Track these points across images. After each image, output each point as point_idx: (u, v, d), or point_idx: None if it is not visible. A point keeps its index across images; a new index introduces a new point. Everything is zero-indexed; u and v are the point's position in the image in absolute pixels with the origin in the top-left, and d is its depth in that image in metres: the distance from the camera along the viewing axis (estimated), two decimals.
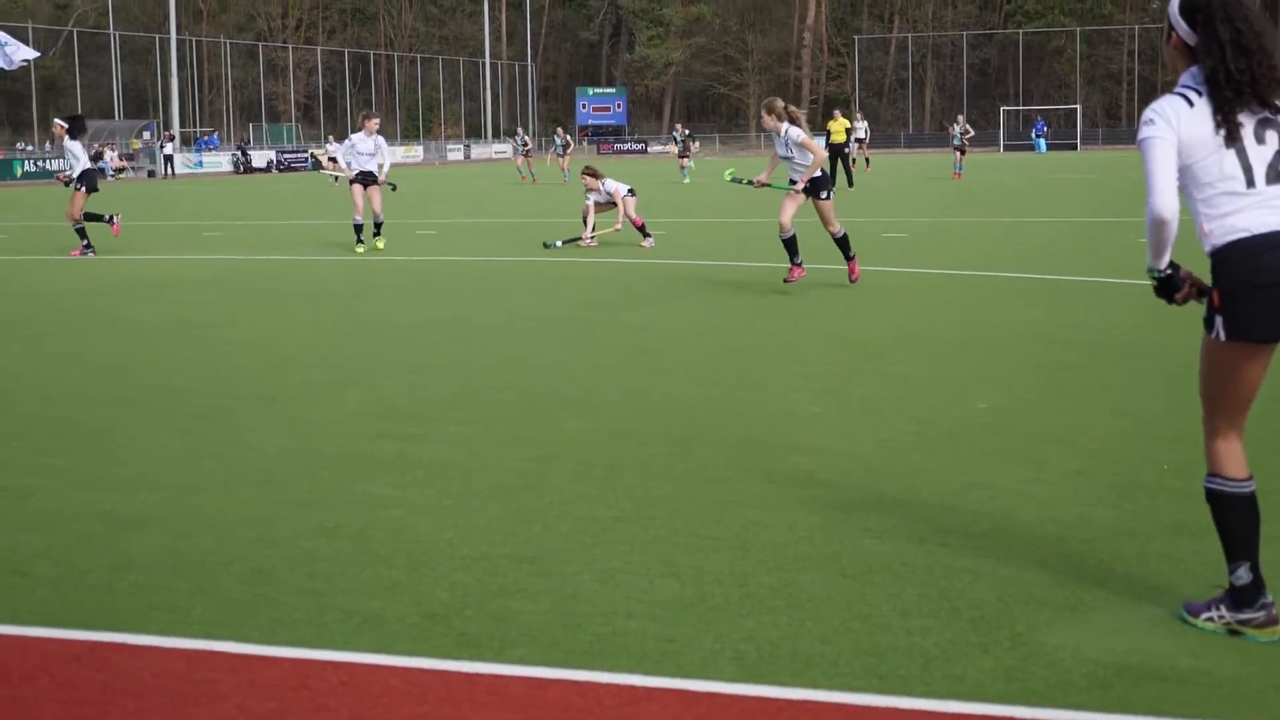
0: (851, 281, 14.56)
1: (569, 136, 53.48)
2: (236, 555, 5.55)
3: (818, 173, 14.41)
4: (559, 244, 20.95)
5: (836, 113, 40.78)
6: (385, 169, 20.91)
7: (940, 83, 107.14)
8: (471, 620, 4.77)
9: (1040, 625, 4.65)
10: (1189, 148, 4.53)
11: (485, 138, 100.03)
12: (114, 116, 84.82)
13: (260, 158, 76.87)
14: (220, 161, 76.30)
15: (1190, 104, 4.54)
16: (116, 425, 8.30)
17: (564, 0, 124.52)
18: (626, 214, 20.90)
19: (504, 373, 9.91)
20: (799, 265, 14.38)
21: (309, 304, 14.45)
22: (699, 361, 10.26)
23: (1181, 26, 4.60)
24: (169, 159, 70.06)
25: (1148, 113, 4.59)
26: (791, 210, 14.38)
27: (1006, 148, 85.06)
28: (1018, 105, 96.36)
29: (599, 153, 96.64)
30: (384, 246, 21.05)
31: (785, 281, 14.32)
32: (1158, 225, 4.49)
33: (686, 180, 43.57)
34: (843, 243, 14.67)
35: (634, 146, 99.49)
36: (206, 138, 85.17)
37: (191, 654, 4.51)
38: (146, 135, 77.08)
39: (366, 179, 21.04)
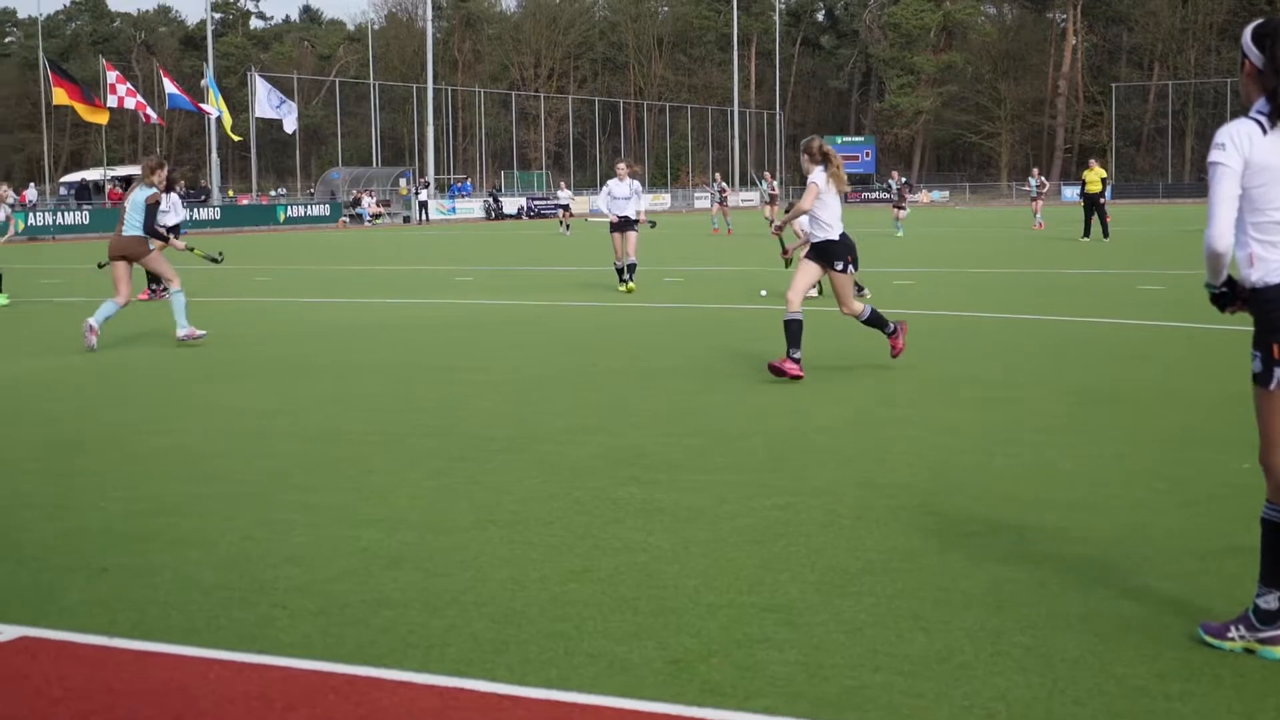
0: (893, 356, 12.40)
1: (775, 183, 51.48)
2: (488, 596, 5.64)
3: (821, 236, 12.09)
4: (764, 293, 21.03)
5: (1092, 162, 39.91)
6: (643, 211, 22.20)
7: (1201, 131, 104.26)
8: (717, 668, 4.77)
9: None
10: (1253, 172, 4.66)
11: (733, 185, 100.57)
12: (372, 164, 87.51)
13: (511, 204, 78.42)
14: (473, 208, 78.09)
15: (1264, 130, 4.69)
16: (372, 464, 8.53)
17: (814, 49, 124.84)
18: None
19: (749, 420, 9.92)
20: (795, 360, 11.79)
21: (556, 348, 14.66)
22: (946, 413, 10.13)
23: (1253, 53, 4.76)
24: (424, 205, 72.02)
25: (1220, 135, 4.74)
26: (804, 284, 12.04)
27: None
28: None
29: (845, 201, 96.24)
30: (634, 289, 22.07)
31: (771, 367, 11.84)
32: (1213, 256, 4.72)
33: (900, 234, 42.26)
34: (873, 321, 12.27)
35: (882, 195, 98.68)
36: (460, 184, 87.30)
37: (444, 691, 4.60)
38: (403, 182, 79.30)
39: (624, 224, 21.91)
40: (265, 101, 66.62)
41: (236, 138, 67.53)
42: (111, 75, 59.92)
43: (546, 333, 16.34)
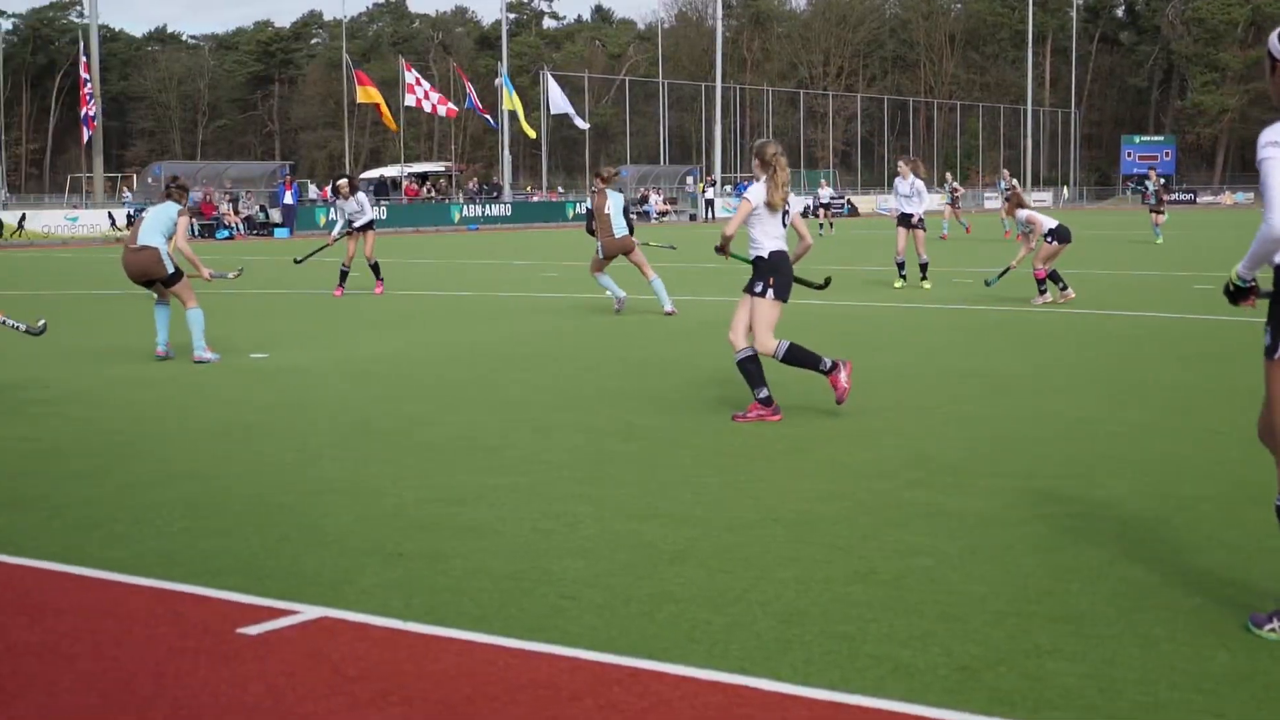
0: (734, 419, 10.12)
1: (1015, 180, 46.98)
2: (771, 594, 5.63)
3: (751, 254, 10.35)
4: (996, 279, 20.84)
5: None
6: (918, 213, 22.31)
7: None
8: (1004, 677, 4.67)
9: None
10: None
11: (1025, 186, 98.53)
12: (659, 161, 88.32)
13: (797, 202, 78.24)
14: None
15: None
16: (659, 459, 8.60)
17: (1112, 45, 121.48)
18: (1033, 263, 19.58)
19: (1040, 426, 9.69)
20: (763, 400, 10.10)
21: (842, 348, 14.56)
22: (1248, 422, 9.70)
23: None
24: (709, 203, 72.36)
25: (1271, 134, 4.90)
26: (769, 329, 10.13)
27: None
28: None
29: (1142, 202, 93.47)
30: (929, 288, 22.17)
31: (734, 419, 10.12)
32: (1273, 242, 4.92)
33: (1159, 240, 39.96)
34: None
35: (1181, 197, 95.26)
36: (746, 182, 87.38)
37: (727, 687, 4.60)
38: (690, 179, 79.82)
39: (905, 220, 22.69)
40: (560, 100, 68.00)
41: (532, 133, 68.97)
42: (410, 75, 61.82)
43: (840, 333, 16.24)
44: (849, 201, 79.40)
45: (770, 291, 10.17)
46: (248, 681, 4.71)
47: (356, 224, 22.41)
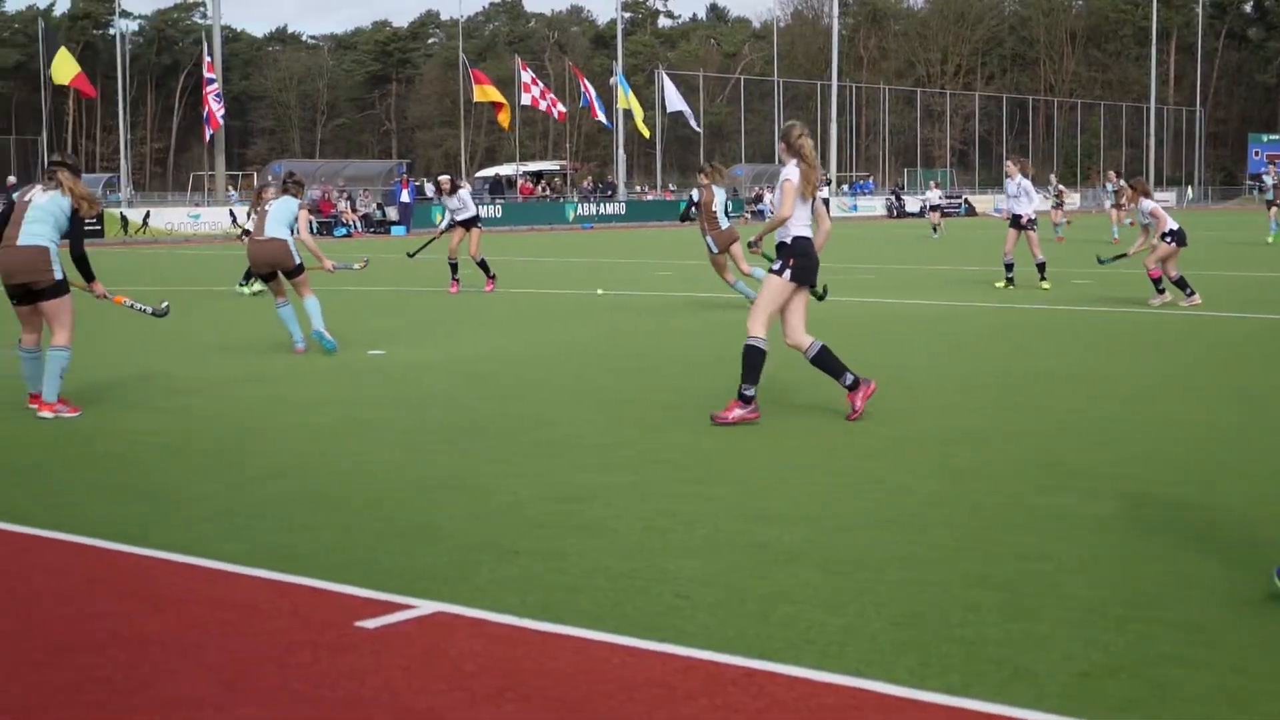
0: (849, 418, 9.87)
1: (1122, 182, 44.97)
2: (887, 596, 5.58)
3: (778, 237, 9.97)
4: (1109, 260, 21.28)
5: None
6: (1027, 213, 22.19)
7: None
8: (1127, 685, 4.59)
9: None
10: None
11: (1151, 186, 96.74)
12: (773, 161, 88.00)
13: (913, 202, 77.72)
14: (874, 205, 77.68)
15: None
16: (767, 458, 8.57)
17: (1239, 42, 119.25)
18: (1145, 262, 19.24)
19: (1163, 430, 9.53)
20: (745, 399, 9.83)
21: (952, 349, 14.43)
22: None
23: None
24: (825, 202, 71.99)
25: None
26: (767, 309, 9.91)
27: None
28: None
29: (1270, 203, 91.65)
30: (1048, 288, 21.96)
31: (714, 420, 9.79)
32: None
33: (1270, 239, 38.48)
34: (821, 359, 9.99)
35: None
36: (862, 182, 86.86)
37: (842, 689, 4.57)
38: None
39: (1014, 221, 22.59)
40: (676, 99, 68.09)
41: (647, 133, 69.10)
42: (526, 75, 62.17)
43: (948, 332, 16.10)
44: (966, 201, 78.65)
45: (788, 272, 9.85)
46: (365, 675, 4.75)
47: (459, 218, 22.74)
